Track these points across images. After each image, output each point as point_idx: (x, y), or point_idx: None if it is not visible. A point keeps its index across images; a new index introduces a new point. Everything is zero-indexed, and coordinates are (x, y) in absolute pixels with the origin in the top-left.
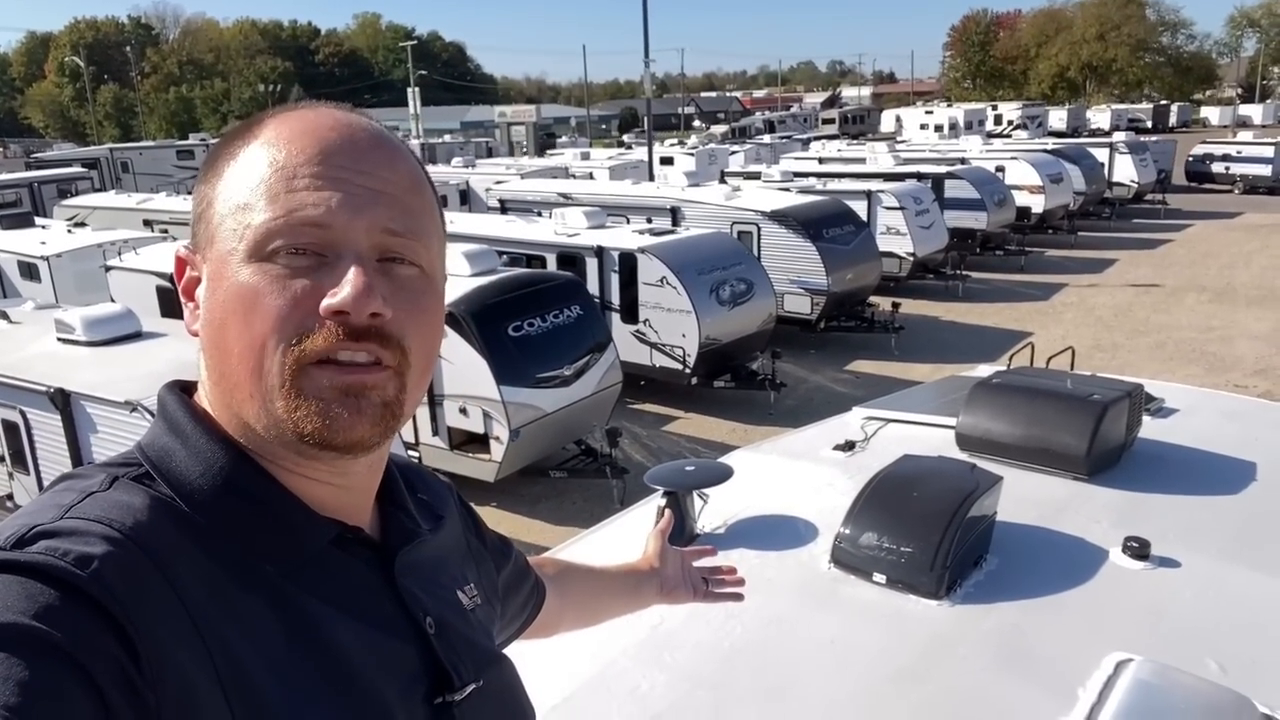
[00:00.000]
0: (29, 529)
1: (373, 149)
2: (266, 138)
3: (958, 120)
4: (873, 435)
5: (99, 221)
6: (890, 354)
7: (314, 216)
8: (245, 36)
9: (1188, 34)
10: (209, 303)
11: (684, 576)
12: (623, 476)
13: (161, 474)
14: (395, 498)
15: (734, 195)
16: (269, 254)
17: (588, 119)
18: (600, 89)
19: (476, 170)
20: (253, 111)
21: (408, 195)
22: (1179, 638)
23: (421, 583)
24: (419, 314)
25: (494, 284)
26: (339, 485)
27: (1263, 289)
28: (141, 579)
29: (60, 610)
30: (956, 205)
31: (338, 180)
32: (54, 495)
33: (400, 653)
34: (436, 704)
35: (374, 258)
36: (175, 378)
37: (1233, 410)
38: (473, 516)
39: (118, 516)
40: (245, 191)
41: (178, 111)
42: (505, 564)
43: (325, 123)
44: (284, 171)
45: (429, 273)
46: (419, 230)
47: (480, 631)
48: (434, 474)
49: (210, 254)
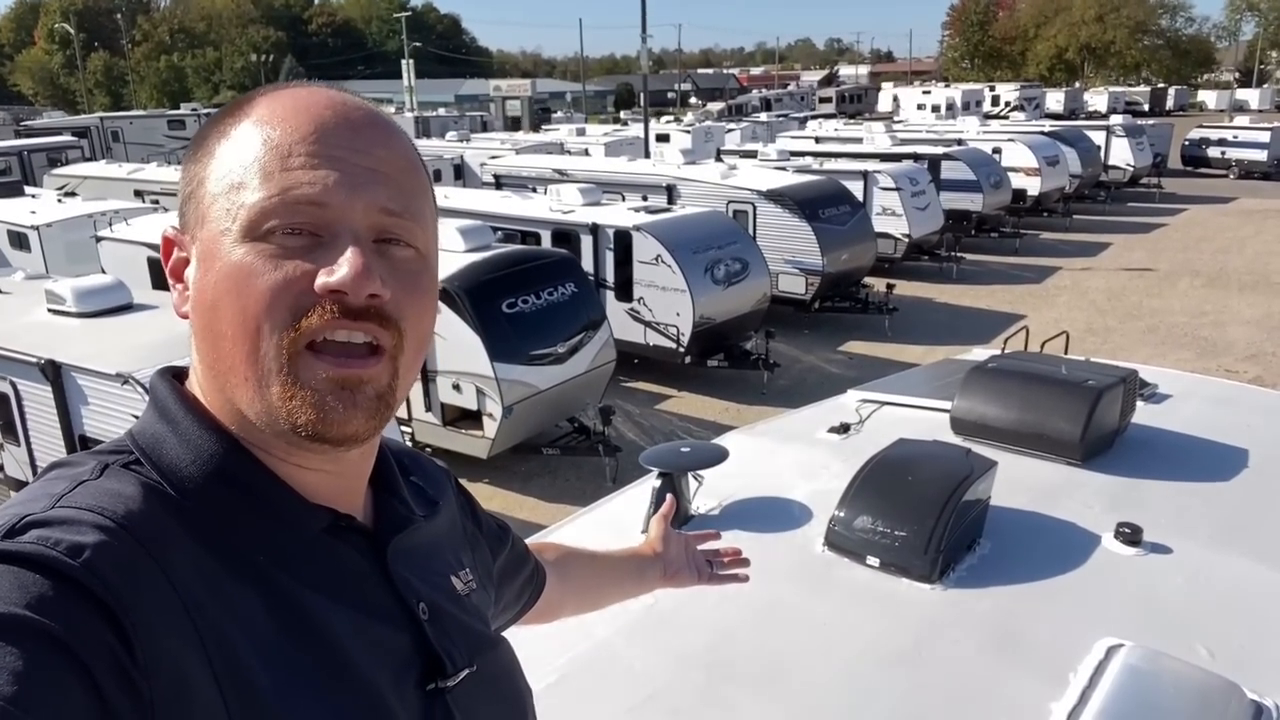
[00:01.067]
0: (20, 519)
1: (368, 128)
2: (259, 116)
3: (955, 101)
4: (868, 418)
5: (89, 191)
6: (884, 335)
7: (310, 194)
8: (238, 5)
9: (1187, 17)
10: (200, 284)
11: (688, 559)
12: (615, 455)
13: (152, 462)
14: (389, 484)
15: (730, 174)
16: (264, 234)
17: (584, 94)
18: (597, 64)
19: (471, 145)
20: (244, 81)
21: (404, 175)
22: (1170, 623)
23: (415, 569)
24: (416, 295)
25: (488, 260)
26: (331, 471)
27: (1255, 274)
28: (134, 567)
29: (53, 600)
30: (952, 187)
31: (334, 159)
32: (45, 484)
33: (393, 640)
34: (429, 690)
35: (370, 238)
36: (166, 350)
37: (1224, 396)
38: (470, 501)
39: (109, 505)
40: (238, 170)
41: (169, 80)
42: (502, 549)
43: (319, 101)
44: (279, 150)
45: (424, 254)
46: (415, 211)
47: (475, 616)
48: (431, 459)
49: (201, 234)
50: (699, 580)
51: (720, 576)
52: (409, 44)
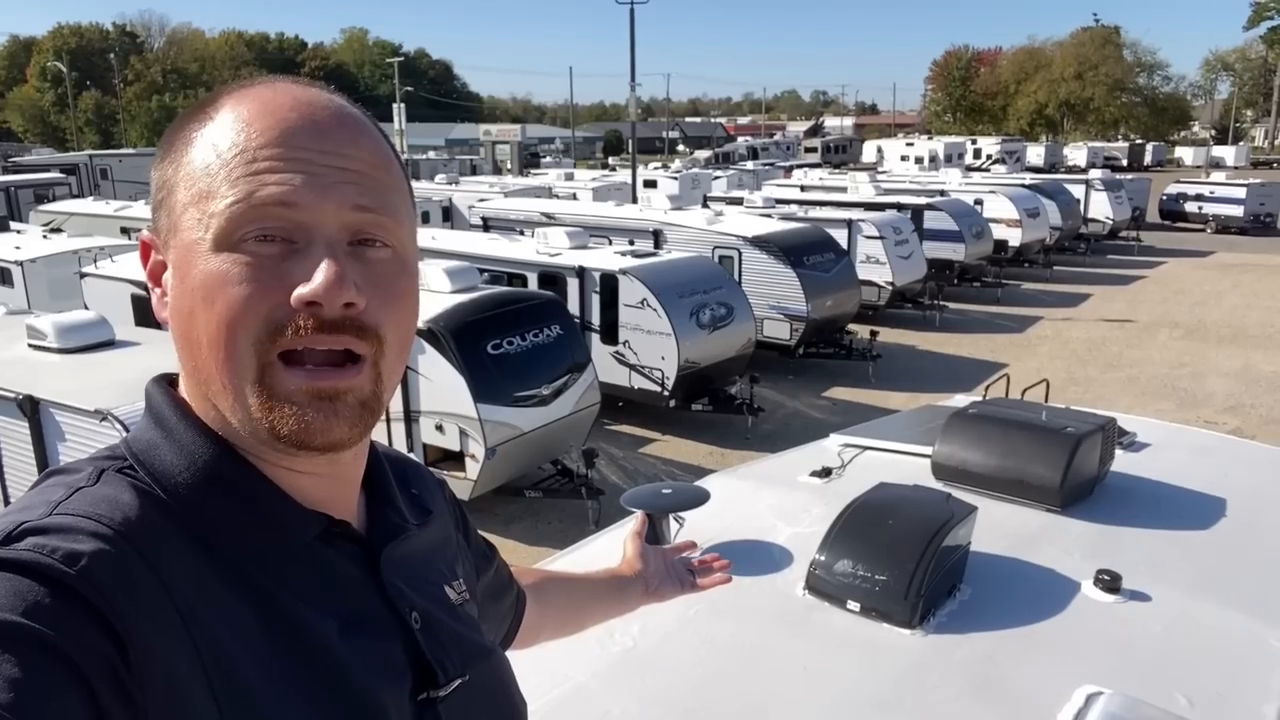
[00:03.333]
0: (17, 526)
1: (336, 128)
2: (224, 119)
3: (938, 153)
4: (849, 462)
5: (76, 228)
6: (867, 381)
7: (277, 195)
8: (231, 47)
9: (1164, 75)
10: (176, 292)
11: (668, 572)
12: (598, 498)
13: (146, 468)
14: (384, 491)
15: (716, 220)
16: (235, 242)
17: (573, 140)
18: (586, 111)
19: (460, 188)
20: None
21: (375, 171)
22: (1149, 671)
23: (408, 578)
24: (394, 299)
25: (474, 301)
26: (324, 474)
27: (1233, 327)
28: (130, 575)
29: (50, 608)
30: (935, 236)
31: (300, 160)
32: (42, 492)
33: (386, 649)
34: (420, 700)
35: (345, 240)
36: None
37: (1203, 446)
38: (463, 515)
39: (105, 512)
40: (205, 178)
41: (160, 120)
42: (487, 570)
43: (284, 102)
44: (244, 155)
45: (401, 254)
46: (389, 207)
47: (468, 625)
48: (426, 468)
49: (175, 242)
50: (683, 590)
51: (704, 584)
52: (400, 88)
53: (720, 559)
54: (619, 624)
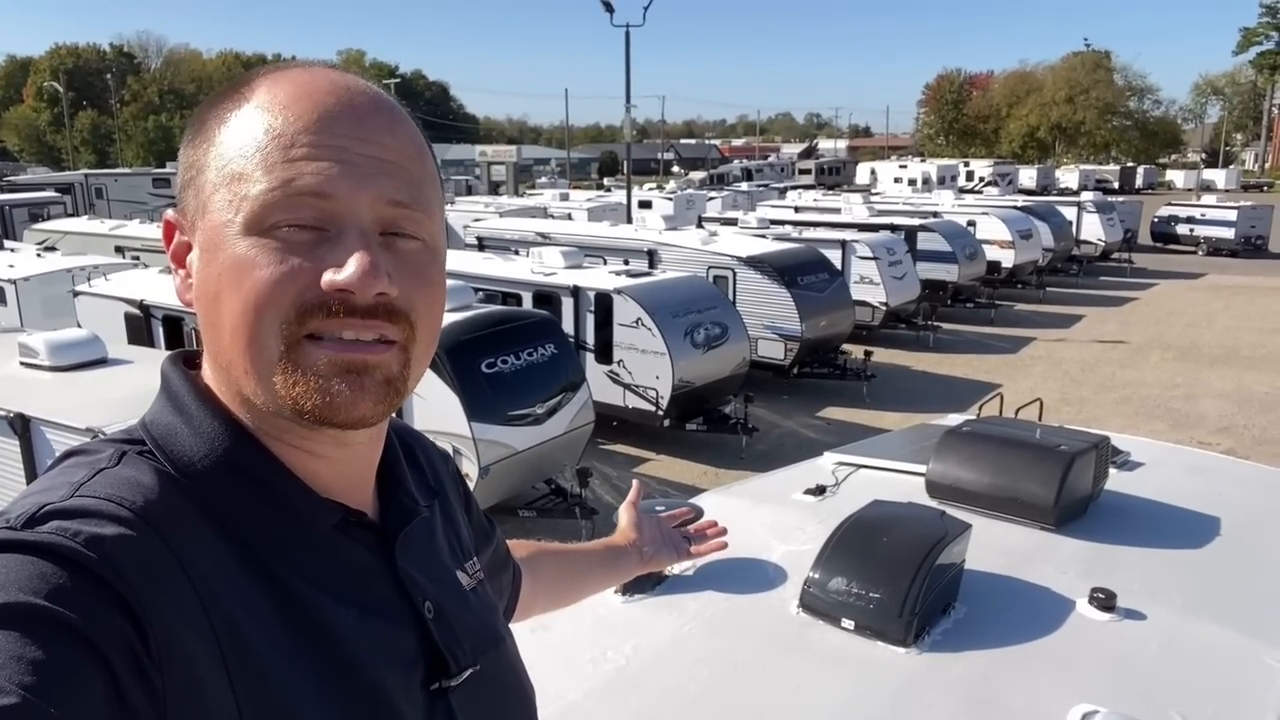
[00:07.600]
0: (40, 507)
1: (373, 114)
2: (260, 101)
3: (931, 175)
4: (843, 480)
5: (70, 247)
6: (862, 401)
7: (314, 185)
8: (228, 69)
9: (1154, 99)
10: (202, 274)
11: (664, 540)
12: (592, 517)
13: (164, 452)
14: (396, 475)
15: (710, 240)
16: (268, 228)
17: (568, 161)
18: (581, 132)
19: (456, 208)
20: None
21: (411, 163)
22: (1144, 690)
23: (421, 564)
24: (425, 288)
25: (468, 320)
26: (340, 459)
27: (1225, 349)
28: (152, 560)
29: (73, 591)
30: (929, 257)
31: (338, 149)
32: (63, 472)
33: (399, 639)
34: (432, 690)
35: (377, 231)
36: (139, 405)
37: (1197, 466)
38: (466, 490)
39: (128, 495)
40: (239, 160)
41: (156, 140)
42: (487, 547)
43: (322, 86)
44: (281, 139)
45: (432, 245)
46: (423, 201)
47: (480, 612)
48: (429, 440)
49: (203, 223)
50: (679, 558)
51: (700, 550)
52: None
53: (716, 525)
54: (611, 642)
